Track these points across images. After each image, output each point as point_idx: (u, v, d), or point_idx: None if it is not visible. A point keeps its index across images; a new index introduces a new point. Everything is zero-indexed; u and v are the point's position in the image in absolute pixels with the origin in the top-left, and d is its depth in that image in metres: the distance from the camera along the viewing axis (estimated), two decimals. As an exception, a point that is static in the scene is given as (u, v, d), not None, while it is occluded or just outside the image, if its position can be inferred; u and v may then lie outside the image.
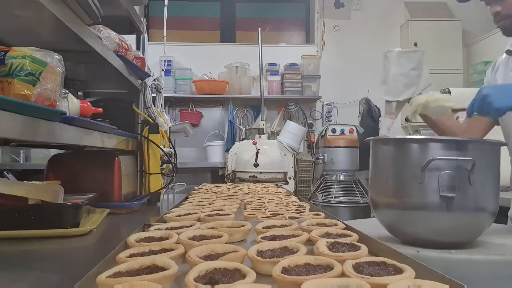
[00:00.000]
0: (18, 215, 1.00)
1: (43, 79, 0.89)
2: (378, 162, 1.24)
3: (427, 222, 1.10)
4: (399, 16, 4.67)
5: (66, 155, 1.60)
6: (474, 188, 1.07)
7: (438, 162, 1.06)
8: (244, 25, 4.96)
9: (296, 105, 4.41)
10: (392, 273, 0.58)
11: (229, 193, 1.69)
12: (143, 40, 2.00)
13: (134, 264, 0.61)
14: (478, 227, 1.15)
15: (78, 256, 0.91)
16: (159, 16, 2.55)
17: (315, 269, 0.60)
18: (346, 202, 3.56)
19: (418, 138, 1.16)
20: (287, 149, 3.51)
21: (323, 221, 0.97)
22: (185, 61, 4.38)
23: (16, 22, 1.05)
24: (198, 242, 0.75)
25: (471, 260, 1.05)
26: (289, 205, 1.28)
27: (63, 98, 1.10)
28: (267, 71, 4.35)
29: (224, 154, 4.03)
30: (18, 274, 0.74)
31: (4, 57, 0.85)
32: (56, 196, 1.08)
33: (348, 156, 3.68)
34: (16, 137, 0.77)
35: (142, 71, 1.73)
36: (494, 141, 1.16)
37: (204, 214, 1.07)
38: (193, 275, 0.56)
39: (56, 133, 0.95)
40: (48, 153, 2.83)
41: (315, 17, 4.75)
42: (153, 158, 1.73)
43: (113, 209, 1.40)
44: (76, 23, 1.07)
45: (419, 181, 1.08)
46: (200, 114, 4.48)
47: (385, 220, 1.23)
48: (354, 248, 0.71)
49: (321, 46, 4.69)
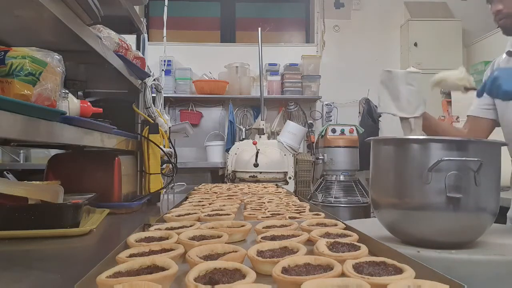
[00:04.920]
0: (18, 215, 1.00)
1: (43, 79, 0.89)
2: (380, 162, 1.23)
3: (431, 222, 1.10)
4: (399, 16, 4.67)
5: (66, 155, 1.60)
6: (478, 189, 1.07)
7: (444, 162, 1.06)
8: (244, 25, 4.96)
9: (296, 105, 4.41)
10: (392, 273, 0.58)
11: (229, 193, 1.69)
12: (143, 40, 2.00)
13: (134, 264, 0.61)
14: (480, 227, 1.15)
15: (78, 256, 0.91)
16: (159, 16, 2.55)
17: (315, 269, 0.60)
18: (346, 202, 3.56)
19: (421, 139, 1.16)
20: (287, 149, 3.51)
21: (323, 221, 0.97)
22: (185, 61, 4.38)
23: (16, 22, 1.04)
24: (198, 242, 0.75)
25: (471, 260, 1.05)
26: (289, 205, 1.28)
27: (63, 98, 1.10)
28: (267, 71, 4.35)
29: (224, 154, 4.03)
30: (18, 274, 0.74)
31: (4, 57, 0.85)
32: (56, 196, 1.08)
33: (348, 156, 3.68)
34: (16, 137, 0.77)
35: (142, 71, 1.73)
36: (495, 141, 1.16)
37: (204, 214, 1.07)
38: (193, 275, 0.56)
39: (56, 133, 0.95)
40: (48, 153, 2.83)
41: (315, 17, 4.75)
42: (153, 158, 1.73)
43: (113, 209, 1.40)
44: (76, 23, 1.07)
45: (425, 181, 1.07)
46: (200, 114, 4.49)
47: (386, 220, 1.23)
48: (354, 248, 0.71)
49: (321, 46, 4.69)
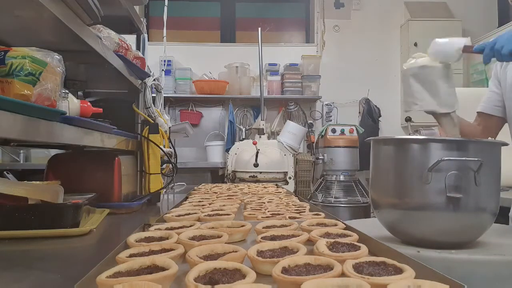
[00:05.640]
0: (18, 215, 1.00)
1: (43, 79, 0.89)
2: (380, 162, 1.23)
3: (431, 222, 1.10)
4: (399, 16, 4.67)
5: (66, 155, 1.60)
6: (478, 189, 1.07)
7: (444, 162, 1.06)
8: (244, 25, 4.96)
9: (296, 105, 4.41)
10: (392, 273, 0.58)
11: (229, 193, 1.69)
12: (143, 40, 2.00)
13: (134, 264, 0.61)
14: (480, 227, 1.15)
15: (78, 256, 0.91)
16: (159, 16, 2.55)
17: (315, 269, 0.60)
18: (346, 202, 3.56)
19: (421, 139, 1.16)
20: (287, 149, 3.52)
21: (323, 221, 0.97)
22: (185, 61, 4.39)
23: (16, 22, 1.04)
24: (198, 242, 0.75)
25: (471, 260, 1.05)
26: (289, 205, 1.28)
27: (63, 98, 1.10)
28: (267, 71, 4.35)
29: (224, 154, 4.03)
30: (18, 274, 0.74)
31: (4, 57, 0.85)
32: (56, 196, 1.08)
33: (348, 156, 3.68)
34: (16, 137, 0.77)
35: (142, 71, 1.73)
36: (495, 141, 1.16)
37: (204, 214, 1.07)
38: (193, 275, 0.56)
39: (56, 133, 0.95)
40: (48, 153, 2.82)
41: (315, 17, 4.75)
42: (153, 158, 1.73)
43: (113, 209, 1.40)
44: (76, 23, 1.07)
45: (425, 181, 1.07)
46: (200, 114, 4.49)
47: (386, 220, 1.23)
48: (354, 248, 0.71)
49: (321, 46, 4.69)
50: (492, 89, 1.60)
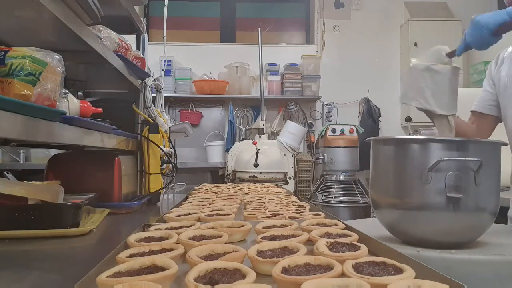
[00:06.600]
0: (18, 215, 1.00)
1: (43, 79, 0.89)
2: (379, 162, 1.23)
3: (431, 222, 1.10)
4: (399, 16, 4.67)
5: (66, 155, 1.60)
6: (478, 189, 1.07)
7: (444, 162, 1.06)
8: (244, 25, 4.96)
9: (296, 105, 4.41)
10: (392, 273, 0.58)
11: (229, 193, 1.69)
12: (143, 40, 2.00)
13: (134, 264, 0.61)
14: (480, 227, 1.15)
15: (78, 256, 0.91)
16: (159, 16, 2.55)
17: (315, 269, 0.60)
18: (346, 202, 3.56)
19: (421, 139, 1.16)
20: (287, 149, 3.51)
21: (323, 221, 0.97)
22: (185, 61, 4.39)
23: (16, 22, 1.04)
24: (198, 242, 0.75)
25: (471, 260, 1.05)
26: (289, 205, 1.28)
27: (63, 98, 1.10)
28: (267, 71, 4.35)
29: (224, 154, 4.03)
30: (18, 274, 0.74)
31: (4, 57, 0.85)
32: (56, 196, 1.08)
33: (348, 156, 3.68)
34: (16, 137, 0.77)
35: (142, 71, 1.73)
36: (495, 141, 1.16)
37: (204, 214, 1.07)
38: (193, 275, 0.56)
39: (56, 133, 0.95)
40: (48, 153, 2.82)
41: (315, 17, 4.75)
42: (153, 158, 1.73)
43: (113, 209, 1.40)
44: (76, 23, 1.07)
45: (425, 181, 1.07)
46: (200, 114, 4.49)
47: (386, 220, 1.23)
48: (354, 248, 0.71)
49: (321, 46, 4.69)
50: (486, 88, 1.61)
